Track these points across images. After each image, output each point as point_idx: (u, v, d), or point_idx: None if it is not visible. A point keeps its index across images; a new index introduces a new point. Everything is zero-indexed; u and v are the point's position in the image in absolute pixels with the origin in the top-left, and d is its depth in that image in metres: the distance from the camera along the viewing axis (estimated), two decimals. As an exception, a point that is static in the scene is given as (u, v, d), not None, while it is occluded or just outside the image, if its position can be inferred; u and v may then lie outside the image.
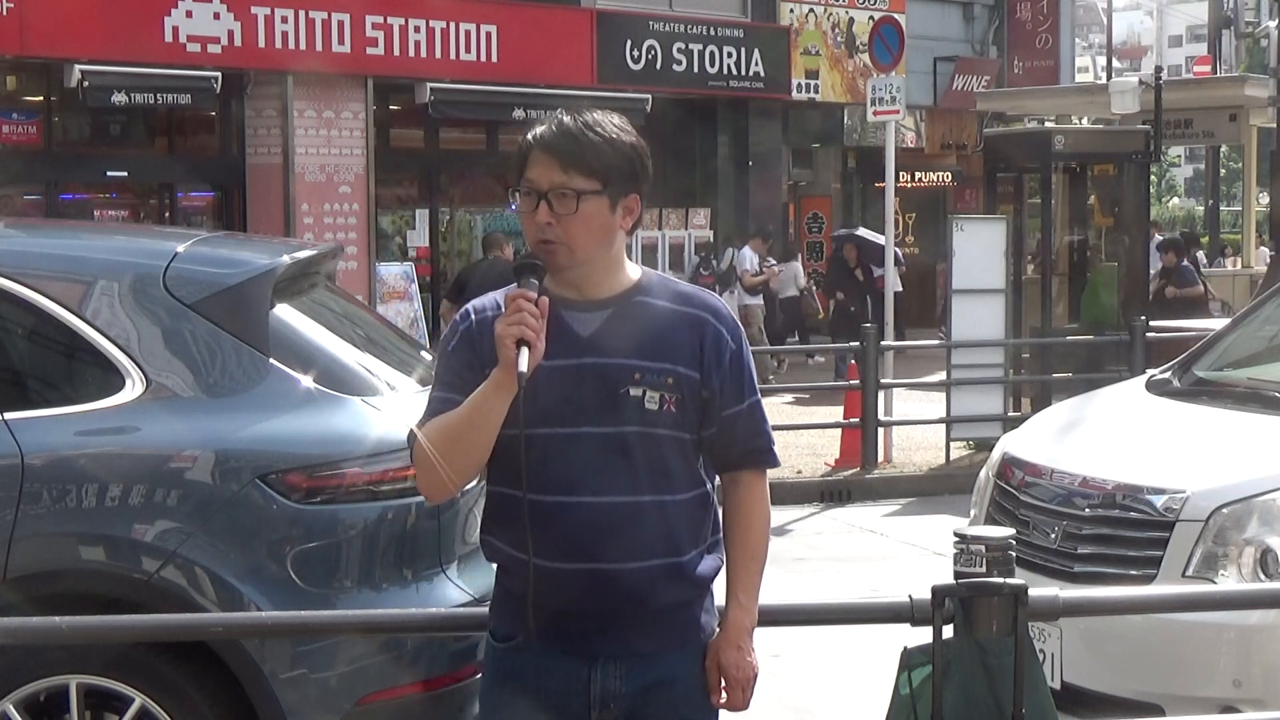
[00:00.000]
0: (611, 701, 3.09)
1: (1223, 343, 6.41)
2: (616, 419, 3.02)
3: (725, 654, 3.15)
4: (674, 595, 3.09)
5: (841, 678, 6.82)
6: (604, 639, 3.07)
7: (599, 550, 3.01)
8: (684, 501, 3.09)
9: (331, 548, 4.42)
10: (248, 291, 4.63)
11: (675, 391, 3.04)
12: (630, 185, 3.09)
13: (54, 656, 4.30)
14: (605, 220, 3.06)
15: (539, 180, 3.04)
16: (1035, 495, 5.40)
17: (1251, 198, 24.45)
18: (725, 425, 3.13)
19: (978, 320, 12.47)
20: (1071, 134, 15.49)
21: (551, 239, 3.03)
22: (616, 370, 3.03)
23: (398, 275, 17.30)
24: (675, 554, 3.07)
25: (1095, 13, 58.11)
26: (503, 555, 3.11)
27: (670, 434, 3.05)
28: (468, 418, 2.98)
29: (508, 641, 3.14)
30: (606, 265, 3.11)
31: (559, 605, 3.04)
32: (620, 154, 3.06)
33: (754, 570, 3.19)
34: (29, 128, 17.49)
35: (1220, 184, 32.51)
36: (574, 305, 3.08)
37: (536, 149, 3.07)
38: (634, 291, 3.12)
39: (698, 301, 3.15)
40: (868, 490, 11.83)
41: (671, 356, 3.06)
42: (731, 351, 3.12)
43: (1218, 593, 4.59)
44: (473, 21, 19.12)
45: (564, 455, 3.01)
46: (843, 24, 23.76)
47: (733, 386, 3.12)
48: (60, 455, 4.41)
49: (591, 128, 3.06)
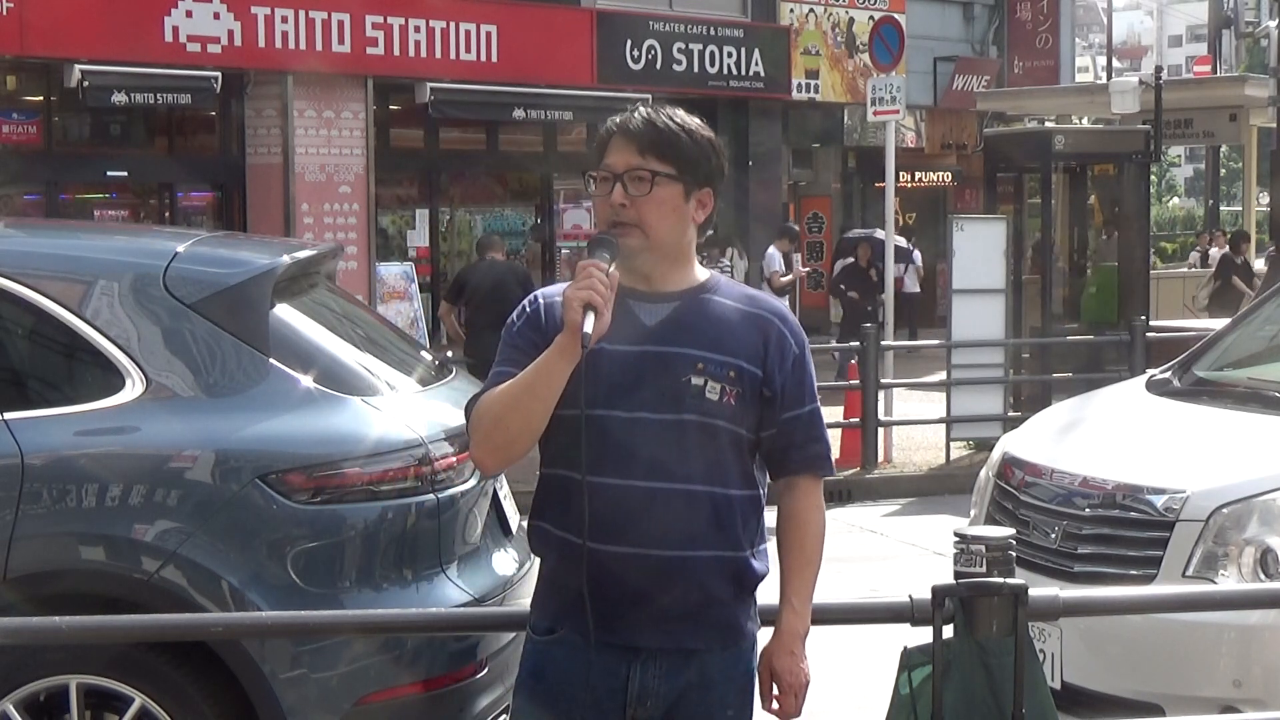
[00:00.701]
0: (649, 699, 3.09)
1: (1223, 343, 6.41)
2: (676, 406, 3.04)
3: (779, 659, 3.15)
4: (718, 591, 3.09)
5: (841, 678, 6.81)
6: (649, 632, 3.07)
7: (648, 534, 3.02)
8: (738, 498, 3.11)
9: (331, 548, 4.42)
10: (248, 291, 4.63)
11: (737, 385, 3.07)
12: (705, 178, 3.13)
13: (54, 656, 4.30)
14: (678, 207, 3.10)
15: (616, 163, 3.10)
16: (1035, 495, 5.40)
17: (1251, 198, 24.47)
18: (785, 428, 3.14)
19: (978, 320, 12.47)
20: (1071, 134, 15.50)
21: (625, 220, 3.07)
22: (679, 359, 3.06)
23: (398, 275, 17.29)
24: (725, 548, 3.08)
25: (1095, 13, 58.10)
26: (554, 541, 3.10)
27: (728, 426, 3.07)
28: (529, 382, 3.01)
29: (549, 634, 3.14)
30: (676, 257, 3.14)
31: (603, 590, 3.03)
32: (697, 145, 3.11)
33: (808, 576, 3.21)
34: (29, 128, 17.48)
35: (1220, 184, 32.52)
36: (642, 295, 3.11)
37: (617, 135, 3.12)
38: (702, 289, 3.15)
39: (764, 304, 3.19)
40: (868, 490, 11.83)
41: (735, 351, 3.08)
42: (795, 355, 3.15)
43: (1218, 593, 4.59)
44: (473, 21, 19.11)
45: (621, 438, 3.03)
46: (843, 24, 23.76)
47: (794, 389, 3.14)
48: (60, 455, 4.40)
49: (671, 118, 3.12)
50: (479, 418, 3.07)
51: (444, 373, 5.36)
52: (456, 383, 5.28)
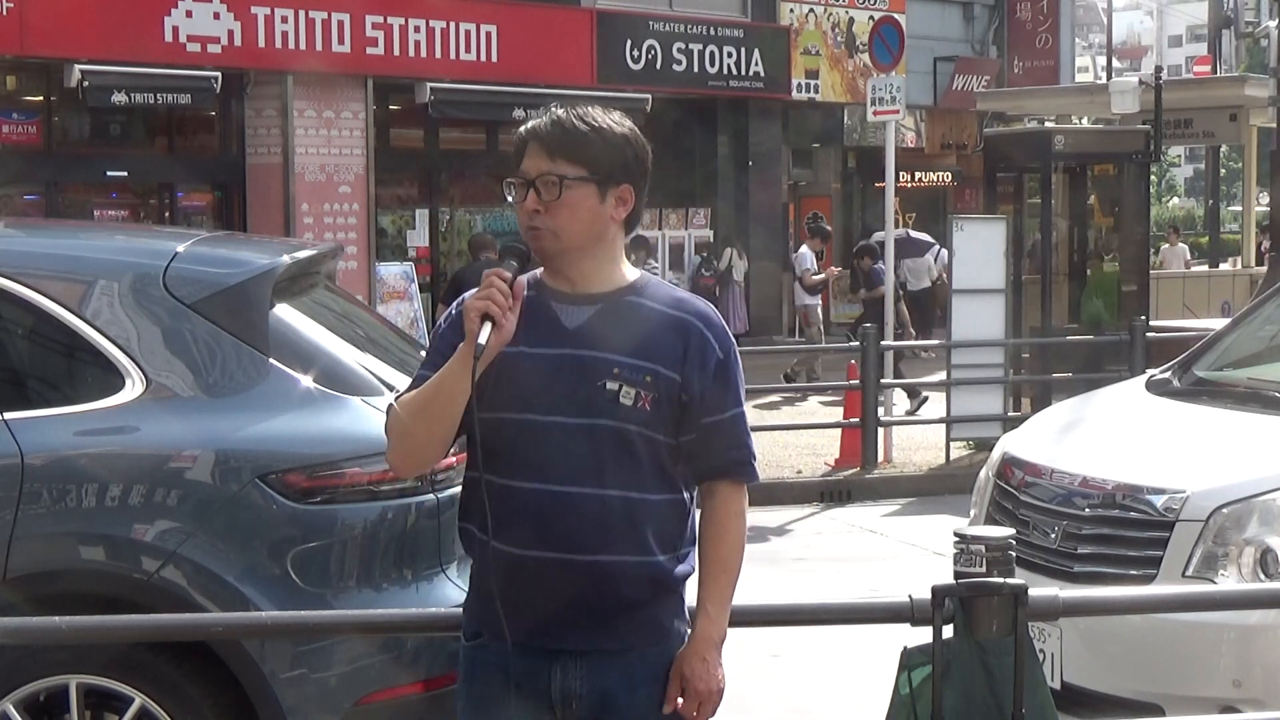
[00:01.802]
0: (572, 701, 3.08)
1: (1223, 343, 6.41)
2: (591, 411, 3.03)
3: (690, 664, 3.10)
4: (637, 595, 3.08)
5: (841, 678, 6.82)
6: (566, 634, 3.07)
7: (562, 539, 3.02)
8: (654, 503, 3.08)
9: (331, 548, 4.43)
10: (248, 291, 4.63)
11: (652, 390, 3.05)
12: (621, 175, 3.10)
13: (54, 656, 4.30)
14: (592, 208, 3.08)
15: (528, 169, 3.09)
16: (1035, 495, 5.40)
17: (1251, 198, 24.47)
18: (705, 433, 3.11)
19: (978, 320, 12.47)
20: (1071, 134, 15.49)
21: (538, 225, 3.07)
22: (596, 363, 3.05)
23: (398, 275, 17.29)
24: (640, 553, 3.06)
25: (1095, 13, 58.10)
26: (476, 543, 3.13)
27: (642, 432, 3.05)
28: (433, 391, 3.03)
29: (475, 639, 3.16)
30: (598, 259, 3.12)
31: (522, 595, 3.04)
32: (609, 143, 3.09)
33: (724, 583, 3.14)
34: (29, 128, 17.50)
35: (1220, 184, 32.52)
36: (564, 297, 3.10)
37: (529, 140, 3.11)
38: (627, 291, 3.13)
39: (689, 307, 3.15)
40: (868, 490, 11.83)
41: (653, 356, 3.06)
42: (717, 360, 3.11)
43: (1218, 593, 4.59)
44: (473, 21, 19.13)
45: (534, 442, 3.04)
46: (843, 24, 23.77)
47: (715, 394, 3.11)
48: (60, 455, 4.40)
49: (581, 118, 3.10)
50: (392, 423, 3.10)
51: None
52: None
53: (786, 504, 11.31)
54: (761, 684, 6.68)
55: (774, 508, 11.15)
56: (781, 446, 12.94)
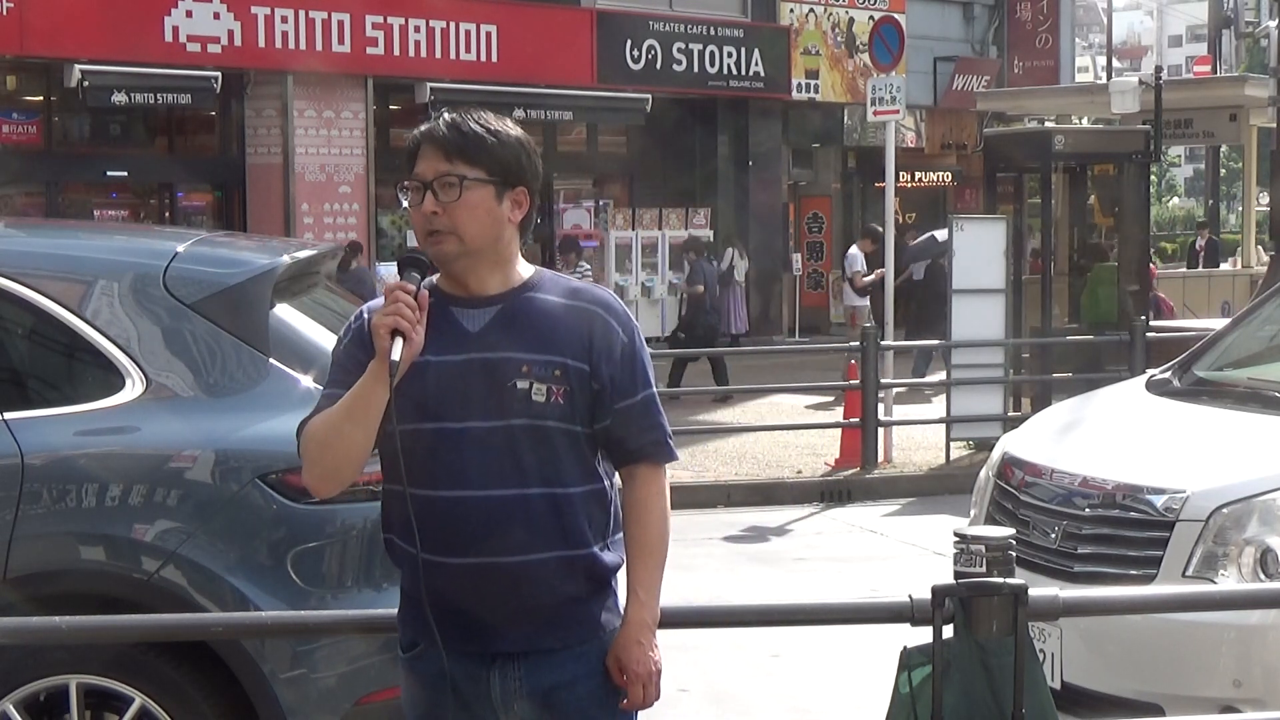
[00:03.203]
0: (514, 702, 3.09)
1: (1223, 343, 6.41)
2: (504, 412, 3.03)
3: (625, 650, 3.11)
4: (568, 589, 3.08)
5: (841, 678, 6.82)
6: (501, 637, 3.07)
7: (488, 544, 3.02)
8: (577, 495, 3.09)
9: (331, 547, 4.43)
10: (248, 291, 4.63)
11: (563, 383, 3.05)
12: (516, 177, 3.11)
13: (54, 656, 4.30)
14: (491, 209, 3.08)
15: (425, 171, 3.08)
16: (1035, 495, 5.40)
17: (1251, 198, 24.46)
18: (619, 418, 3.11)
19: (978, 320, 12.47)
20: (1071, 134, 15.49)
21: (439, 228, 3.07)
22: (504, 364, 3.04)
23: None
24: (569, 547, 3.07)
25: (1095, 13, 58.13)
26: (402, 554, 3.12)
27: (559, 426, 3.05)
28: (347, 409, 3.01)
29: (412, 649, 3.16)
30: (495, 261, 3.12)
31: (454, 602, 3.05)
32: (504, 145, 3.09)
33: (652, 566, 3.15)
34: (29, 128, 17.50)
35: (1220, 184, 32.53)
36: (462, 302, 3.10)
37: (424, 143, 3.10)
38: (524, 288, 3.13)
39: (588, 296, 3.16)
40: (868, 490, 11.82)
41: (560, 349, 3.06)
42: (623, 344, 3.12)
43: (1218, 593, 4.59)
44: (473, 21, 19.13)
45: (452, 449, 3.03)
46: (843, 24, 23.77)
47: (625, 378, 3.11)
48: (60, 455, 4.41)
49: (478, 121, 3.10)
50: (306, 443, 3.08)
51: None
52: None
53: (786, 504, 11.31)
54: (761, 684, 6.68)
55: (774, 508, 11.15)
56: (781, 446, 12.93)
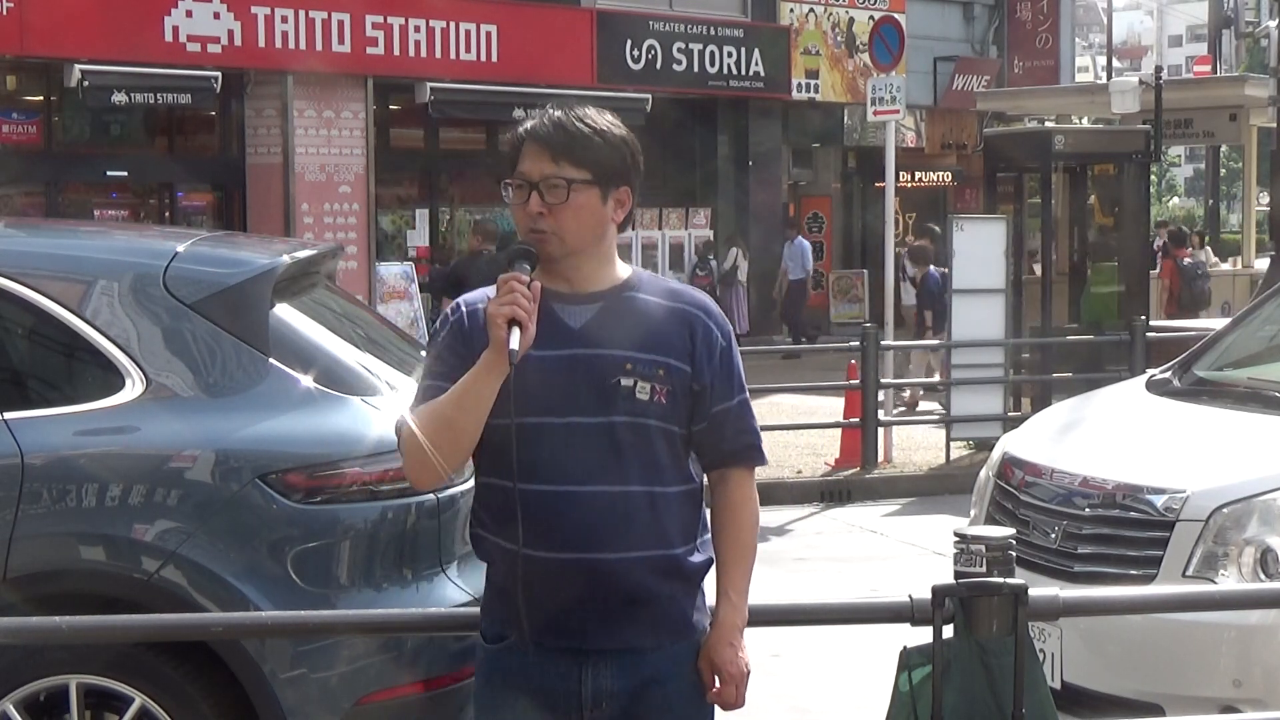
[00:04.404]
0: (604, 700, 3.09)
1: (1223, 343, 6.41)
2: (607, 409, 3.04)
3: (717, 651, 3.15)
4: (664, 589, 3.10)
5: (841, 678, 6.82)
6: (595, 634, 3.08)
7: (588, 540, 3.03)
8: (673, 495, 3.11)
9: (331, 547, 4.43)
10: (248, 291, 4.63)
11: (666, 383, 3.07)
12: (621, 178, 3.12)
13: (54, 656, 4.30)
14: (596, 211, 3.09)
15: (530, 171, 3.08)
16: (1035, 495, 5.40)
17: (1251, 198, 24.46)
18: (715, 421, 3.14)
19: (978, 320, 12.47)
20: (1071, 134, 15.49)
21: (543, 229, 3.06)
22: (607, 361, 3.05)
23: (398, 275, 17.30)
24: (665, 546, 3.09)
25: (1095, 13, 58.10)
26: (492, 549, 3.11)
27: (660, 425, 3.07)
28: (457, 400, 3.00)
29: (499, 642, 3.14)
30: (597, 259, 3.13)
31: (550, 599, 3.05)
32: (611, 146, 3.10)
33: (743, 568, 3.19)
34: (29, 128, 17.49)
35: (1220, 184, 32.53)
36: (565, 298, 3.10)
37: (529, 141, 3.10)
38: (625, 286, 3.14)
39: (688, 298, 3.18)
40: (868, 490, 11.83)
41: (663, 349, 3.08)
42: (722, 348, 3.14)
43: (1218, 593, 4.59)
44: (473, 21, 19.13)
45: (554, 445, 3.03)
46: (843, 24, 23.77)
47: (723, 382, 3.14)
48: (60, 455, 4.40)
49: (582, 120, 3.10)
50: (408, 437, 3.07)
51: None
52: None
53: (786, 504, 11.30)
54: (761, 684, 6.66)
55: (774, 508, 11.14)
56: (782, 446, 12.93)
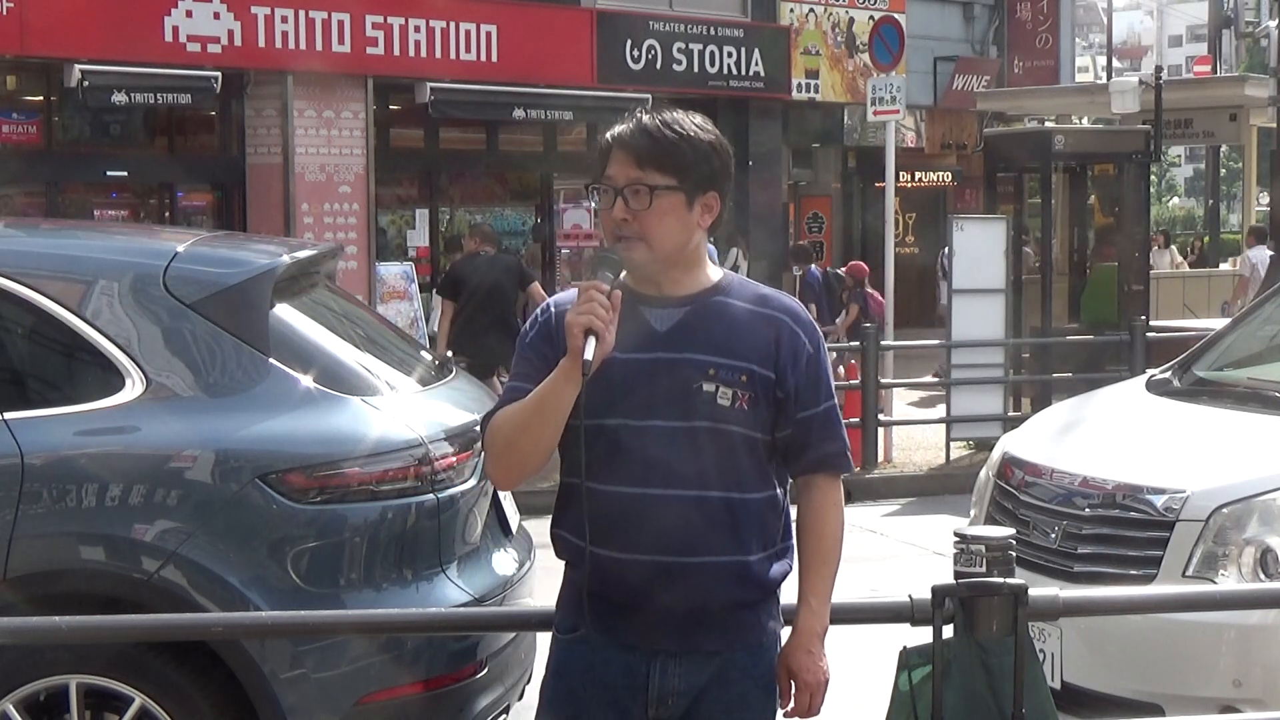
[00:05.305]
0: (670, 698, 3.10)
1: (1223, 343, 6.41)
2: (688, 413, 3.04)
3: (795, 658, 3.15)
4: (737, 596, 3.09)
5: (841, 678, 6.80)
6: (665, 635, 3.08)
7: (659, 543, 3.03)
8: (753, 501, 3.10)
9: (331, 547, 4.42)
10: (248, 291, 4.63)
11: (749, 389, 3.06)
12: (708, 183, 3.11)
13: (54, 656, 4.30)
14: (681, 216, 3.08)
15: (616, 177, 3.08)
16: (1035, 495, 5.40)
17: (1251, 198, 24.47)
18: (800, 427, 3.13)
19: (978, 320, 12.47)
20: (1071, 134, 15.49)
21: (628, 234, 3.06)
22: (690, 365, 3.05)
23: (398, 275, 17.29)
24: (741, 553, 3.08)
25: (1095, 13, 58.09)
26: (568, 545, 3.13)
27: (741, 431, 3.06)
28: (536, 405, 3.02)
29: (571, 633, 3.16)
30: (685, 263, 3.13)
31: (622, 597, 3.06)
32: (697, 151, 3.08)
33: (826, 575, 3.19)
34: (29, 128, 17.48)
35: (1220, 184, 32.52)
36: (652, 301, 3.11)
37: (615, 147, 3.10)
38: (713, 291, 3.14)
39: (776, 303, 3.16)
40: (868, 490, 11.82)
41: (747, 355, 3.07)
42: (808, 354, 3.13)
43: (1218, 593, 4.59)
44: (473, 21, 19.11)
45: (634, 446, 3.04)
46: (843, 24, 23.75)
47: (809, 388, 3.12)
48: (60, 455, 4.40)
49: (669, 125, 3.09)
50: (493, 437, 3.10)
51: (444, 373, 5.36)
52: (457, 383, 5.29)
53: (786, 504, 11.30)
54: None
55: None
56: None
